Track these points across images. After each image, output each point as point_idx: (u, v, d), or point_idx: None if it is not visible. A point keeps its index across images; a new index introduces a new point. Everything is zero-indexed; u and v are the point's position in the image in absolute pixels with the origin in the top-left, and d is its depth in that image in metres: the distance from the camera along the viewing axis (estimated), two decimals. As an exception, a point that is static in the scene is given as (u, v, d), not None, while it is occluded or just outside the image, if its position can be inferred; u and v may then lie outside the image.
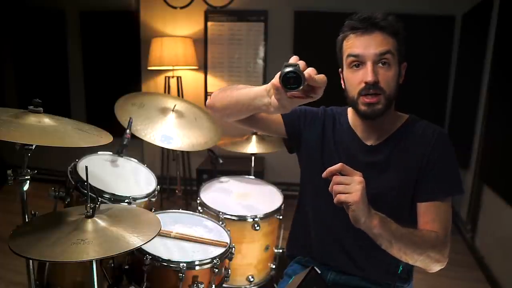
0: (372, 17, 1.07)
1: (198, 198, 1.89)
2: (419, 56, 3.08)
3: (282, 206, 1.91)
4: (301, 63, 0.84)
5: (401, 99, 1.20)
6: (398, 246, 1.00)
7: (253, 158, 2.36)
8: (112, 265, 1.45)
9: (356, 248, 1.22)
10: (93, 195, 1.22)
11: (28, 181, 1.26)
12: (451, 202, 1.14)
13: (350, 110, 1.25)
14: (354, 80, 1.10)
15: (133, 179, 1.73)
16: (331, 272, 1.27)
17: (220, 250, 1.43)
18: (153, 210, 1.63)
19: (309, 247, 1.32)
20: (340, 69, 1.17)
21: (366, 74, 1.06)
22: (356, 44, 1.08)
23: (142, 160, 1.85)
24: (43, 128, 1.20)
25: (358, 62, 1.08)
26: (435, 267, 1.09)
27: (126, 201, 1.51)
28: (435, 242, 1.06)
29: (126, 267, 1.43)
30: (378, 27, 1.06)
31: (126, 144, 1.75)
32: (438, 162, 1.11)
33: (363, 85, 1.07)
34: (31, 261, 1.35)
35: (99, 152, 1.72)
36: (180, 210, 1.71)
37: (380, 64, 1.06)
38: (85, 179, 1.14)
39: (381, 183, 1.15)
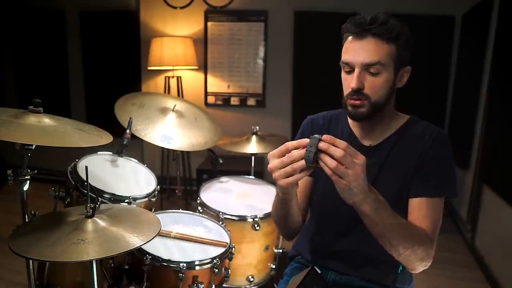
0: (367, 22, 1.05)
1: (198, 198, 1.89)
2: (419, 56, 3.07)
3: (282, 206, 1.91)
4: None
5: (401, 99, 1.20)
6: (384, 233, 0.97)
7: (253, 158, 2.36)
8: (112, 265, 1.45)
9: (354, 251, 1.22)
10: (93, 195, 1.22)
11: (28, 181, 1.27)
12: (445, 203, 1.13)
13: None
14: (345, 83, 1.12)
15: (133, 179, 1.73)
16: (332, 272, 1.27)
17: (220, 250, 1.43)
18: (153, 210, 1.63)
19: (309, 248, 1.32)
20: None
21: (352, 79, 1.07)
22: (348, 50, 1.09)
23: (142, 160, 1.85)
24: (43, 128, 1.20)
25: (348, 68, 1.10)
26: (418, 266, 1.06)
27: (126, 201, 1.51)
28: (424, 239, 1.04)
29: (126, 267, 1.43)
30: (371, 33, 1.04)
31: (126, 144, 1.75)
32: (432, 160, 1.11)
33: (350, 89, 1.09)
34: (31, 261, 1.35)
35: (99, 152, 1.72)
36: (180, 210, 1.71)
37: (370, 71, 1.07)
38: (85, 179, 1.14)
39: (379, 184, 1.14)
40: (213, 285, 1.40)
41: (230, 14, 3.96)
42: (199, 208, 1.85)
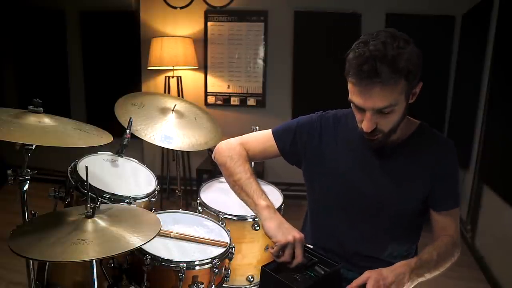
0: (372, 74, 0.96)
1: (198, 198, 1.89)
2: (419, 56, 3.08)
3: (282, 206, 1.91)
4: None
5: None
6: (424, 278, 1.11)
7: (253, 158, 2.35)
8: (112, 265, 1.45)
9: (353, 248, 1.24)
10: (93, 195, 1.22)
11: (28, 181, 1.27)
12: None
13: None
14: (356, 116, 1.11)
15: (133, 179, 1.72)
16: None
17: (220, 250, 1.43)
18: (153, 210, 1.63)
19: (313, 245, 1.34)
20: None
21: (364, 122, 1.05)
22: (356, 94, 1.03)
23: (142, 160, 1.85)
24: (43, 128, 1.20)
25: (358, 108, 1.06)
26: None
27: (126, 201, 1.51)
28: (451, 250, 1.15)
29: (126, 267, 1.43)
30: (378, 83, 0.97)
31: (126, 144, 1.75)
32: (449, 177, 1.17)
33: (361, 126, 1.07)
34: (31, 261, 1.35)
35: (99, 152, 1.71)
36: (180, 210, 1.71)
37: (382, 112, 1.03)
38: (85, 179, 1.14)
39: (389, 187, 1.17)
40: (213, 285, 1.40)
41: (230, 14, 3.96)
42: (199, 208, 1.85)
